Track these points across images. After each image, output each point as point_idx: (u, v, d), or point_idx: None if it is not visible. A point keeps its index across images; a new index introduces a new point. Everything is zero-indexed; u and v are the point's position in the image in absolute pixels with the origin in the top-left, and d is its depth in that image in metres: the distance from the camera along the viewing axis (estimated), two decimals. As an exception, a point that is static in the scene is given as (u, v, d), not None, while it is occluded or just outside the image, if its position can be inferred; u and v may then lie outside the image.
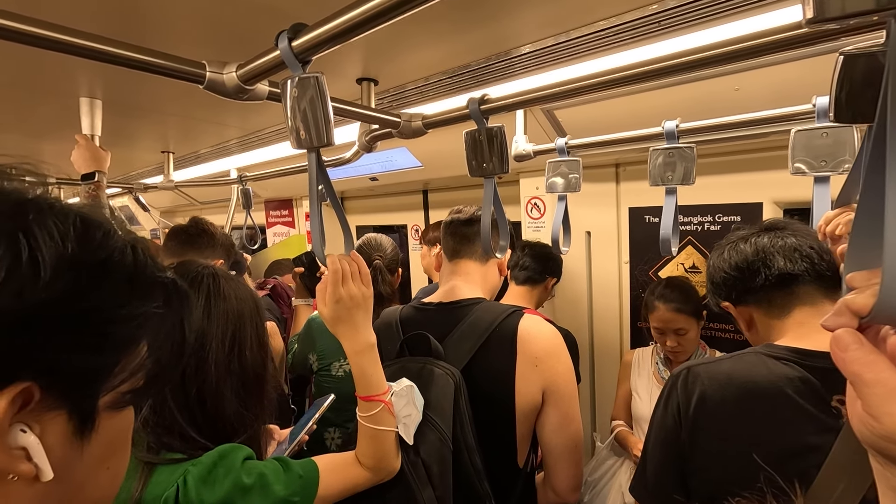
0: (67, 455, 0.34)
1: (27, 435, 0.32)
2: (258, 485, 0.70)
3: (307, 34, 0.60)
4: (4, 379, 0.30)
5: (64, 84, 1.19)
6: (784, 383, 0.77)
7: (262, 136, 1.78)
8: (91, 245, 0.35)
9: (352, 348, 0.83)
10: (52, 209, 0.35)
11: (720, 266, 0.95)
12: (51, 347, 0.32)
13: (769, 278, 0.87)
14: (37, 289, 0.31)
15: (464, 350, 1.03)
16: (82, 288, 0.34)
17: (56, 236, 0.33)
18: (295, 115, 0.66)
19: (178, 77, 0.70)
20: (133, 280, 0.38)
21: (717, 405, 0.80)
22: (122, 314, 0.36)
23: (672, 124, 1.04)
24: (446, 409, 0.95)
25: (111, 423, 0.38)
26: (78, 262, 0.34)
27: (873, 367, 0.33)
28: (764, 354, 0.83)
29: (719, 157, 1.46)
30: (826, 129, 0.87)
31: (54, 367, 0.32)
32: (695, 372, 0.84)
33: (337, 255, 0.81)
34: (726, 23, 0.85)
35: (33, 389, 0.31)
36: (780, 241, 0.88)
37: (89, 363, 0.35)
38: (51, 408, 0.33)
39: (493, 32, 0.97)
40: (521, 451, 1.07)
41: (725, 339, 1.54)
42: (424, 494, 0.90)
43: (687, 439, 0.82)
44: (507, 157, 0.94)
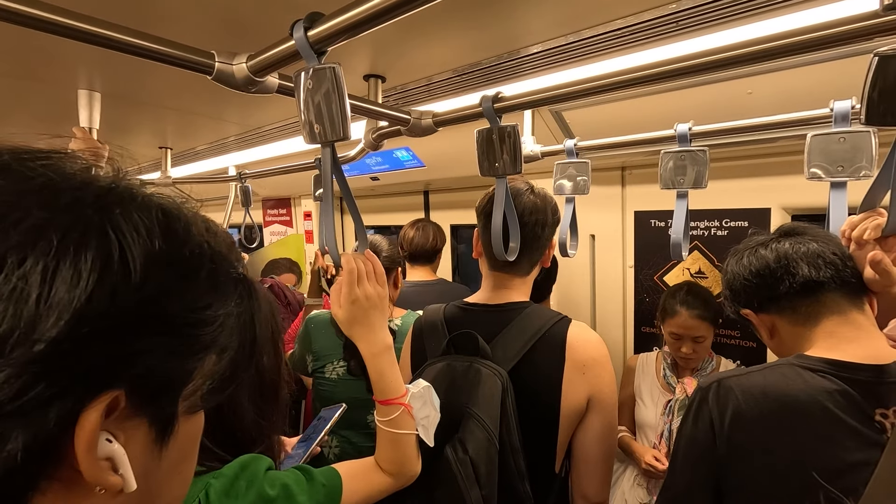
0: (147, 463, 0.33)
1: (113, 445, 0.30)
2: (282, 496, 0.68)
3: (324, 23, 0.58)
4: (98, 388, 0.28)
5: (62, 75, 1.16)
6: (824, 397, 0.74)
7: (263, 132, 1.75)
8: (176, 240, 0.33)
9: (369, 350, 0.81)
10: (133, 200, 0.32)
11: (739, 272, 0.92)
12: (141, 354, 0.30)
13: (793, 286, 0.84)
14: (129, 291, 0.29)
15: (512, 352, 1.02)
16: (170, 288, 0.32)
17: (143, 231, 0.31)
18: (308, 108, 0.63)
19: (186, 67, 0.67)
20: (214, 277, 0.36)
21: (754, 421, 0.77)
22: (208, 316, 0.35)
23: (685, 127, 1.03)
24: (493, 409, 0.94)
25: (186, 427, 0.36)
26: (165, 260, 0.32)
27: None
28: (798, 366, 0.79)
29: (727, 161, 1.45)
30: (844, 134, 0.86)
31: (143, 374, 0.30)
32: (726, 385, 0.80)
33: (352, 254, 0.78)
34: (747, 23, 0.83)
35: (119, 397, 0.29)
36: (803, 248, 0.86)
37: (175, 368, 0.33)
38: (133, 415, 0.31)
39: (504, 31, 0.95)
40: (559, 457, 1.06)
41: (731, 345, 1.52)
42: (472, 494, 0.88)
43: (723, 457, 0.78)
44: (520, 156, 0.92)
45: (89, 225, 0.29)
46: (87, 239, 0.28)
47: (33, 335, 0.26)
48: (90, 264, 0.28)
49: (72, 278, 0.27)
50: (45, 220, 0.28)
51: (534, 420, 1.01)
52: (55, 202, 0.29)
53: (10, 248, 0.26)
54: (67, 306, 0.26)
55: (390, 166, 2.12)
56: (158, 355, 0.31)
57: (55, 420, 0.27)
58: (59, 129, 1.48)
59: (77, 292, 0.27)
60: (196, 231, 0.37)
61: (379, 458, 0.82)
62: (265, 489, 0.67)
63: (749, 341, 1.49)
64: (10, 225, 0.27)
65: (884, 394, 0.74)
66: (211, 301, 0.35)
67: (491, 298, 1.12)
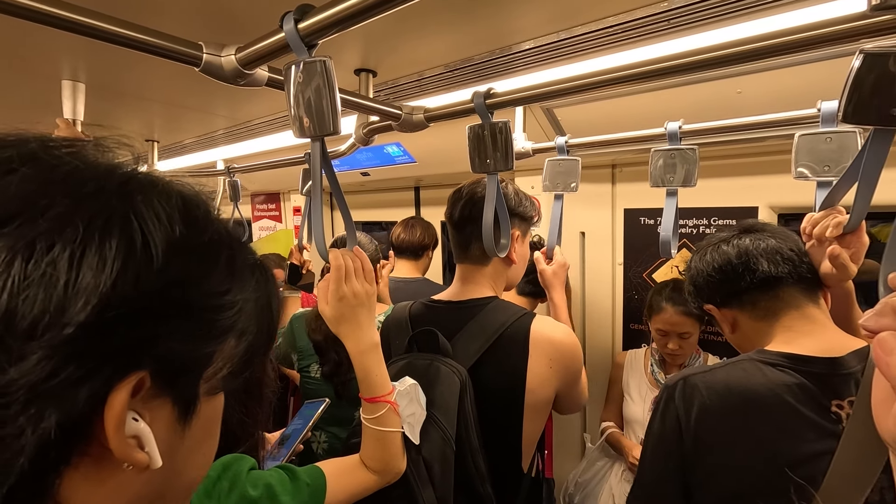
0: (171, 441, 0.34)
1: (139, 423, 0.31)
2: (265, 496, 0.67)
3: (315, 16, 0.57)
4: (125, 369, 0.30)
5: (46, 66, 1.13)
6: (783, 391, 0.77)
7: (252, 126, 1.73)
8: (196, 226, 0.34)
9: (356, 348, 0.80)
10: (154, 187, 0.33)
11: (702, 269, 0.95)
12: (164, 337, 0.31)
13: (753, 281, 0.87)
14: (151, 276, 0.30)
15: (472, 349, 1.01)
16: (191, 274, 0.33)
17: (164, 218, 0.32)
18: (298, 101, 0.63)
19: (173, 58, 0.66)
20: (232, 263, 0.37)
21: (718, 416, 0.79)
22: (227, 301, 0.36)
23: (675, 125, 1.03)
24: (451, 408, 0.93)
25: (207, 407, 0.38)
26: (186, 246, 0.33)
27: None
28: (759, 361, 0.82)
29: (715, 160, 1.46)
30: (830, 134, 0.87)
31: (166, 356, 0.32)
32: (691, 382, 0.83)
33: (339, 251, 0.78)
34: (738, 23, 0.84)
35: (145, 378, 0.31)
36: (762, 244, 0.88)
37: (196, 351, 0.34)
38: (158, 395, 0.33)
39: (496, 26, 0.95)
40: (526, 455, 1.05)
41: (718, 342, 1.54)
42: (425, 494, 0.88)
43: (690, 451, 0.81)
44: (512, 153, 0.92)
45: (113, 212, 0.30)
46: (111, 226, 0.29)
47: (63, 319, 0.27)
48: (114, 251, 0.29)
49: (97, 264, 0.28)
50: (71, 207, 0.29)
51: (496, 417, 1.01)
52: (80, 190, 0.30)
53: (39, 234, 0.27)
54: (94, 291, 0.27)
55: (381, 162, 2.11)
56: (180, 338, 0.32)
57: (86, 400, 0.28)
58: (42, 120, 1.45)
59: (103, 277, 0.28)
60: (214, 218, 0.38)
61: (364, 456, 0.82)
62: (247, 490, 0.66)
63: (735, 338, 1.51)
64: (38, 212, 0.28)
65: (838, 385, 0.77)
66: (230, 286, 0.36)
67: (457, 294, 1.12)
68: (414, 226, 1.97)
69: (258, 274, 0.41)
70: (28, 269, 0.27)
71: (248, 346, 0.39)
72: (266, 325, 0.41)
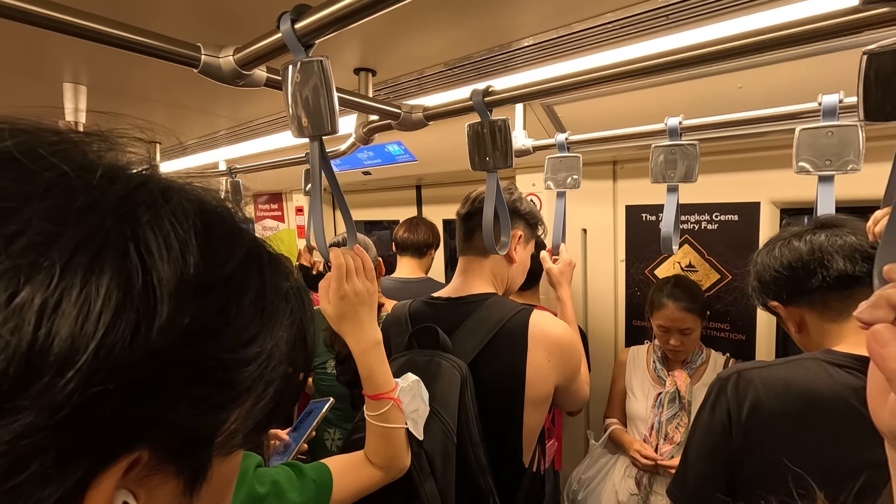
0: None
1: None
2: (273, 493, 0.68)
3: (311, 16, 0.57)
4: (112, 454, 0.22)
5: (47, 68, 1.14)
6: (849, 394, 0.73)
7: (253, 126, 1.73)
8: (217, 254, 0.26)
9: (358, 346, 0.81)
10: (168, 201, 0.25)
11: (770, 264, 0.90)
12: (167, 409, 0.24)
13: (826, 279, 0.82)
14: (152, 333, 0.22)
15: (472, 345, 1.03)
16: (207, 324, 0.25)
17: (175, 247, 0.24)
18: (296, 101, 0.63)
19: (171, 60, 0.66)
20: (263, 299, 0.29)
21: (774, 414, 0.76)
22: (253, 352, 0.28)
23: (675, 121, 1.03)
24: (451, 402, 0.94)
25: (222, 468, 0.31)
26: (202, 286, 0.25)
27: None
28: (824, 361, 0.78)
29: (717, 155, 1.46)
30: (832, 128, 0.87)
31: (168, 431, 0.24)
32: (746, 377, 0.80)
33: (340, 250, 0.78)
34: (737, 17, 0.84)
35: (142, 455, 0.24)
36: (840, 241, 0.83)
37: (210, 419, 0.27)
38: (158, 469, 0.25)
39: (495, 23, 0.94)
40: (527, 449, 1.06)
41: (721, 338, 1.54)
42: (426, 486, 0.89)
43: (739, 448, 0.78)
44: (511, 151, 0.92)
45: (107, 240, 0.22)
46: (101, 262, 0.21)
47: (22, 400, 0.19)
48: (103, 298, 0.21)
49: (77, 318, 0.20)
50: (50, 234, 0.21)
51: (497, 412, 1.02)
52: (65, 208, 0.22)
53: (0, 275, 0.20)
54: (69, 359, 0.20)
55: (382, 161, 2.11)
56: (188, 408, 0.25)
57: (56, 499, 0.21)
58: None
59: (84, 339, 0.20)
60: (242, 236, 0.29)
61: (369, 453, 0.82)
62: (255, 487, 0.67)
63: (739, 334, 1.50)
64: (2, 244, 0.20)
65: None
66: (257, 332, 0.28)
67: (457, 290, 1.14)
68: (418, 225, 1.98)
69: (294, 303, 0.32)
70: None
71: (275, 395, 0.31)
72: (300, 365, 0.33)
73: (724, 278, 1.49)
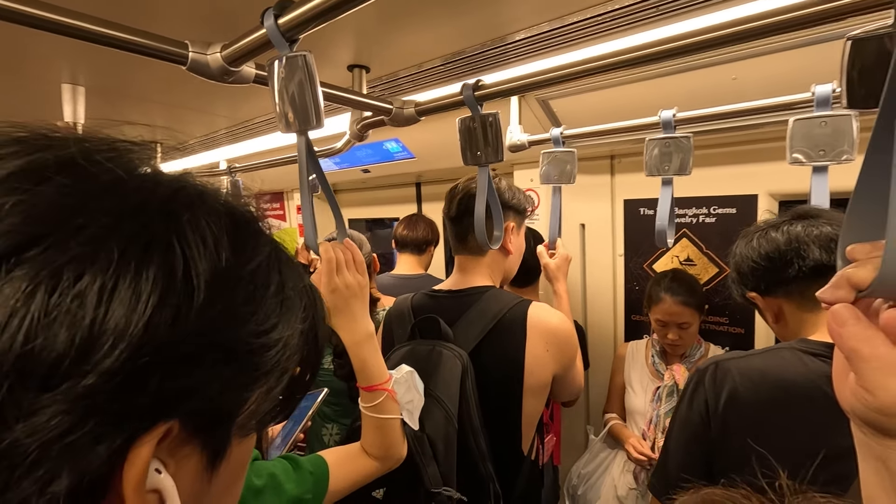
0: (197, 490, 0.30)
1: (161, 476, 0.27)
2: (270, 485, 0.68)
3: (294, 10, 0.57)
4: (151, 421, 0.25)
5: (45, 69, 1.15)
6: (822, 381, 0.73)
7: (252, 125, 1.74)
8: (245, 251, 0.30)
9: (350, 339, 0.81)
10: (203, 203, 0.29)
11: (748, 255, 0.90)
12: (199, 384, 0.27)
13: (803, 269, 0.83)
14: (190, 316, 0.26)
15: (472, 334, 1.06)
16: (237, 310, 0.28)
17: (210, 243, 0.27)
18: (283, 96, 0.63)
19: (159, 57, 0.67)
20: (281, 292, 0.32)
21: (750, 403, 0.76)
22: (272, 339, 0.31)
23: (669, 113, 1.02)
24: (452, 389, 0.97)
25: (238, 450, 0.34)
26: (233, 277, 0.28)
27: (870, 342, 0.33)
28: (799, 350, 0.79)
29: (714, 148, 1.45)
30: (825, 119, 0.86)
31: (200, 405, 0.27)
32: (724, 367, 0.80)
33: (330, 244, 0.79)
34: (729, 7, 0.83)
35: (174, 426, 0.27)
36: (816, 231, 0.83)
37: (235, 397, 0.30)
38: (185, 443, 0.28)
39: (488, 17, 0.94)
40: (526, 437, 1.09)
41: (720, 332, 1.53)
42: (429, 470, 0.92)
43: (716, 437, 0.78)
44: (502, 145, 0.92)
45: (155, 235, 0.25)
46: (150, 253, 0.25)
47: (85, 365, 0.23)
48: (151, 283, 0.24)
49: (131, 300, 0.24)
50: (109, 227, 0.24)
51: (497, 399, 1.05)
52: (121, 206, 0.26)
53: (69, 260, 0.23)
54: (123, 333, 0.23)
55: (380, 158, 2.11)
56: (218, 385, 0.28)
57: (104, 458, 0.24)
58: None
59: (135, 317, 0.24)
60: (264, 238, 0.33)
61: (365, 444, 0.83)
62: (252, 479, 0.68)
63: (738, 328, 1.49)
64: (71, 233, 0.23)
65: None
66: (277, 321, 0.31)
67: (456, 284, 1.16)
68: (417, 222, 2.00)
69: (307, 300, 0.36)
70: (50, 303, 0.22)
71: (289, 384, 0.34)
72: (311, 357, 0.37)
73: (722, 272, 1.49)
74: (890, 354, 0.32)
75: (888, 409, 0.32)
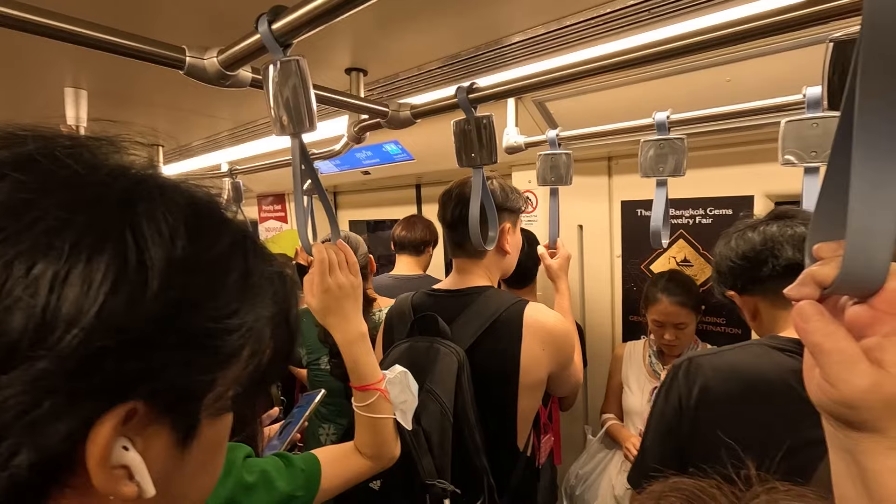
0: (168, 468, 0.32)
1: (129, 453, 0.29)
2: (261, 482, 0.69)
3: (287, 16, 0.59)
4: (110, 402, 0.27)
5: (48, 74, 1.17)
6: (790, 376, 0.76)
7: (254, 127, 1.76)
8: (203, 241, 0.31)
9: (343, 338, 0.82)
10: (162, 195, 0.30)
11: (727, 255, 0.93)
12: (158, 367, 0.28)
13: (777, 268, 0.85)
14: (145, 302, 0.27)
15: (469, 332, 1.08)
16: (193, 298, 0.30)
17: (166, 233, 0.29)
18: (277, 100, 0.65)
19: (157, 62, 0.69)
20: (245, 281, 0.33)
21: (720, 397, 0.79)
22: (236, 323, 0.32)
23: (663, 115, 1.03)
24: (448, 384, 1.00)
25: (212, 429, 0.35)
26: (189, 265, 0.29)
27: (832, 337, 0.34)
28: (769, 346, 0.82)
29: (711, 150, 1.46)
30: (816, 120, 0.87)
31: (161, 386, 0.29)
32: (697, 363, 0.83)
33: (323, 245, 0.80)
34: (724, 9, 0.84)
35: (138, 406, 0.28)
36: (790, 231, 0.86)
37: (197, 379, 0.31)
38: (153, 422, 0.30)
39: (484, 20, 0.96)
40: (522, 433, 1.11)
41: (717, 332, 1.53)
42: (424, 462, 0.95)
43: (689, 431, 0.81)
44: (496, 147, 0.93)
45: (108, 226, 0.27)
46: (103, 243, 0.26)
47: (40, 349, 0.24)
48: (103, 273, 0.26)
49: (82, 288, 0.25)
50: (63, 220, 0.26)
51: (493, 395, 1.07)
52: (76, 200, 0.27)
53: (20, 252, 0.25)
54: (76, 319, 0.25)
55: (380, 160, 2.13)
56: (177, 367, 0.29)
57: (64, 436, 0.26)
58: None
59: (87, 304, 0.25)
60: (229, 227, 0.34)
61: (358, 443, 0.84)
62: (243, 476, 0.68)
63: (734, 328, 1.50)
64: (24, 227, 0.25)
65: None
66: (238, 307, 0.32)
67: (455, 284, 1.18)
68: (415, 223, 2.01)
69: (277, 286, 0.37)
70: (3, 292, 0.24)
71: (258, 366, 0.35)
72: (283, 341, 0.38)
73: (720, 273, 1.49)
74: (851, 349, 0.33)
75: (850, 402, 0.33)
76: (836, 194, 0.33)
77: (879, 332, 0.33)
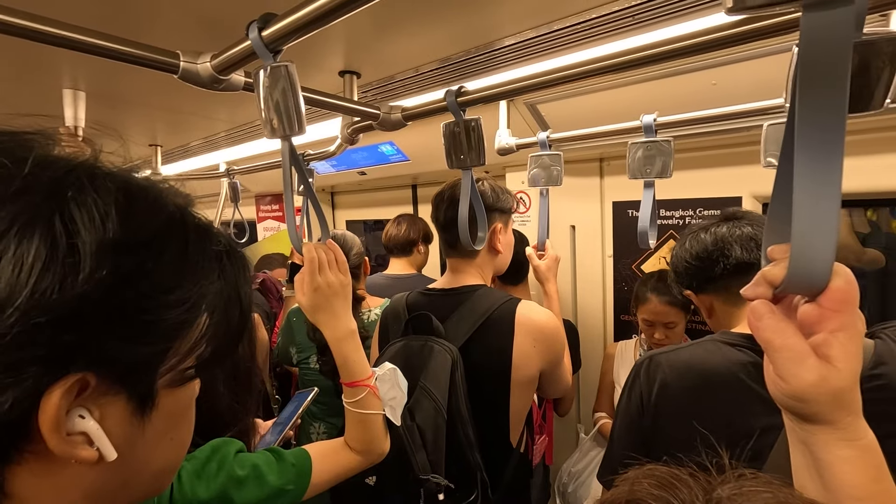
0: (128, 434, 0.34)
1: (86, 420, 0.31)
2: (252, 476, 0.71)
3: (277, 23, 0.61)
4: (55, 373, 0.29)
5: (46, 75, 1.19)
6: (738, 369, 0.81)
7: (251, 128, 1.78)
8: (134, 223, 0.32)
9: (333, 336, 0.84)
10: (92, 182, 0.32)
11: (682, 256, 0.98)
12: (98, 340, 0.30)
13: (727, 267, 0.90)
14: (77, 282, 0.29)
15: (462, 330, 1.10)
16: (127, 275, 0.31)
17: (96, 217, 0.30)
18: (268, 104, 0.67)
19: (152, 66, 0.70)
20: (185, 257, 0.35)
21: (677, 392, 0.83)
22: (174, 299, 0.34)
23: (650, 118, 1.05)
24: (442, 381, 1.02)
25: (172, 398, 0.37)
26: (121, 246, 0.31)
27: (782, 333, 0.36)
28: (720, 342, 0.86)
29: (700, 151, 1.48)
30: (797, 123, 0.89)
31: (105, 358, 0.31)
32: (656, 360, 0.88)
33: (313, 244, 0.82)
34: (710, 14, 0.86)
35: (88, 378, 0.30)
36: (738, 231, 0.91)
37: (141, 352, 0.33)
38: (108, 392, 0.32)
39: (476, 23, 0.97)
40: (515, 429, 1.13)
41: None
42: (418, 457, 0.97)
43: (650, 426, 0.85)
44: (484, 149, 0.95)
45: (37, 213, 0.29)
46: (32, 229, 0.28)
47: None
48: (33, 255, 0.28)
49: (13, 271, 0.27)
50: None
51: (486, 391, 1.09)
52: (2, 191, 0.29)
53: None
54: (9, 299, 0.27)
55: (376, 161, 2.15)
56: (119, 340, 0.31)
57: (13, 404, 0.28)
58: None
59: (18, 285, 0.27)
60: (169, 211, 0.35)
61: (348, 438, 0.86)
62: (235, 470, 0.70)
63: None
64: None
65: None
66: (178, 282, 0.34)
67: (448, 283, 1.21)
68: (400, 222, 2.02)
69: (225, 262, 0.39)
70: None
71: (210, 339, 0.37)
72: (235, 315, 0.39)
73: (709, 273, 1.51)
74: (799, 345, 0.35)
75: (800, 395, 0.35)
76: (786, 197, 0.35)
77: (826, 329, 0.35)
